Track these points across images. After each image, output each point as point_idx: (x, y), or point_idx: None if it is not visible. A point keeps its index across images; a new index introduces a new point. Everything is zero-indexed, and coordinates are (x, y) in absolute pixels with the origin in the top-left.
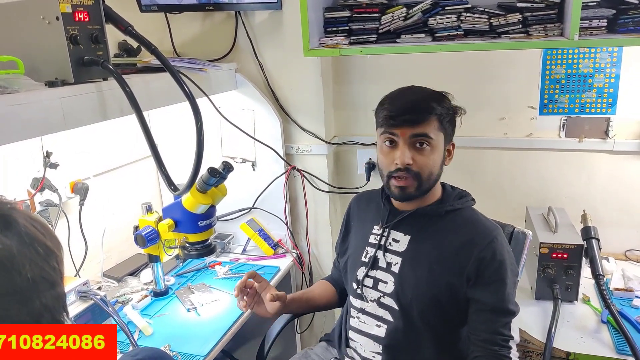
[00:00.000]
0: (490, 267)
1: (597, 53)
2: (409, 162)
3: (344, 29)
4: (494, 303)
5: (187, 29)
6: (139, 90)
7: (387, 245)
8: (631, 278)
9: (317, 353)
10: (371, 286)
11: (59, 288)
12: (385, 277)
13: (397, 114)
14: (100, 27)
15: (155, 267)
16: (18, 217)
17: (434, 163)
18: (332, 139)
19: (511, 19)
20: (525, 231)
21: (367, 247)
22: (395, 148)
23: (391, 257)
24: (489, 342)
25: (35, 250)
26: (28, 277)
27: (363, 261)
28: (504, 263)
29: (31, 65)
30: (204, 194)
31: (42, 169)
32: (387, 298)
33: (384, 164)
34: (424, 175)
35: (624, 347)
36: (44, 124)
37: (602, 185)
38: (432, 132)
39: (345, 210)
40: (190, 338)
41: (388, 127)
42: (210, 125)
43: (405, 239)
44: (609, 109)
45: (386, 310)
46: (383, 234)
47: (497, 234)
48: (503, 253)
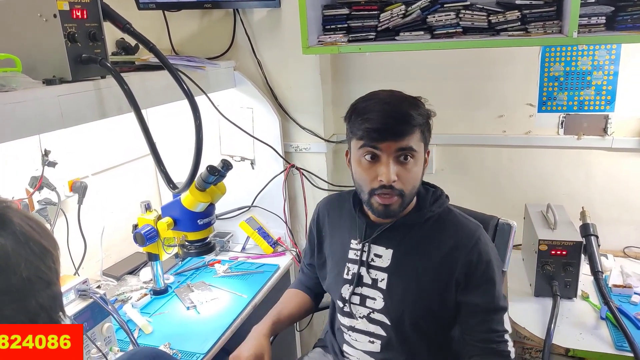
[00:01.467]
0: (479, 269)
1: (596, 50)
2: (395, 179)
3: (342, 26)
4: (487, 304)
5: (186, 27)
6: (138, 88)
7: (370, 262)
8: (630, 275)
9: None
10: (358, 303)
11: (55, 287)
12: (373, 293)
13: (381, 127)
14: (98, 25)
15: (155, 266)
16: (13, 216)
17: (417, 176)
18: (331, 137)
19: (510, 16)
20: (510, 222)
21: (348, 264)
22: (377, 162)
23: (376, 273)
24: (486, 341)
25: (31, 249)
26: (23, 276)
27: (346, 279)
28: (490, 263)
29: (29, 63)
30: (203, 192)
31: (40, 168)
32: (377, 314)
33: (364, 180)
34: (407, 190)
35: (622, 343)
36: (41, 122)
37: (601, 182)
38: (415, 145)
39: (312, 219)
40: (190, 336)
41: (370, 140)
42: (208, 124)
43: (388, 252)
44: (608, 106)
45: (377, 325)
46: (363, 249)
47: (480, 233)
48: (489, 252)
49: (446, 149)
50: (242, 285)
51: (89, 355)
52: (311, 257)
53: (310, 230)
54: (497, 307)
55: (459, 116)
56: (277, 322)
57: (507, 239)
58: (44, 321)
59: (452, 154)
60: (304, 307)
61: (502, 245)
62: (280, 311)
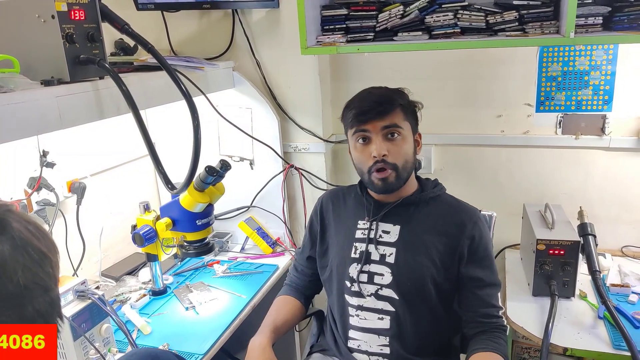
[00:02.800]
0: (481, 244)
1: (593, 50)
2: (385, 153)
3: (341, 27)
4: (488, 278)
5: (184, 28)
6: (136, 88)
7: (378, 238)
8: (627, 274)
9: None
10: (366, 281)
11: (53, 293)
12: (381, 269)
13: (366, 110)
14: (97, 26)
15: (154, 266)
16: (13, 220)
17: (407, 151)
18: (330, 137)
19: (507, 17)
20: (490, 213)
21: (356, 243)
22: (368, 143)
23: (384, 248)
24: (487, 315)
25: (29, 255)
26: (20, 283)
27: (354, 257)
28: (488, 240)
29: (27, 64)
30: (201, 192)
31: (38, 169)
32: (385, 289)
33: (361, 161)
34: (399, 164)
35: (620, 343)
36: (39, 123)
37: (599, 182)
38: (400, 122)
39: (315, 210)
40: (189, 337)
41: (359, 123)
42: (207, 124)
43: (396, 228)
44: (605, 106)
45: (386, 301)
46: (371, 227)
47: (479, 214)
48: (486, 230)
49: (445, 149)
50: (241, 286)
51: (88, 357)
52: (311, 249)
53: (311, 222)
54: (496, 282)
55: (458, 116)
56: (275, 330)
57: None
58: None
59: (451, 154)
60: (296, 314)
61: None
62: (275, 319)
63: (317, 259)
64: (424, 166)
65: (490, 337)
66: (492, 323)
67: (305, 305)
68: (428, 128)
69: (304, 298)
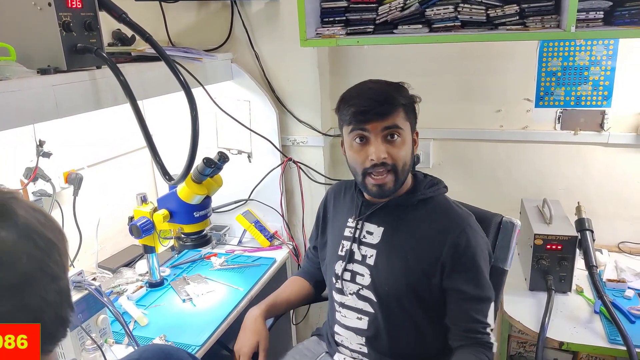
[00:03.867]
0: (465, 254)
1: (594, 45)
2: (385, 156)
3: (340, 19)
4: (472, 291)
5: (183, 18)
6: (134, 79)
7: (362, 238)
8: (624, 269)
9: (308, 347)
10: (349, 279)
11: (62, 282)
12: (362, 269)
13: (366, 109)
14: (94, 14)
15: (151, 258)
16: (18, 207)
17: (406, 153)
18: (329, 131)
19: (508, 11)
20: (513, 221)
21: (343, 241)
22: (366, 144)
23: (365, 249)
24: (470, 330)
25: (35, 242)
26: (23, 271)
27: (340, 255)
28: (477, 249)
29: (23, 53)
30: (199, 184)
31: (34, 159)
32: (365, 290)
33: (357, 162)
34: (399, 167)
35: (616, 337)
36: (36, 112)
37: (597, 177)
38: (400, 123)
39: (322, 202)
40: (185, 328)
41: (357, 123)
42: (205, 116)
43: (379, 230)
44: (605, 101)
45: (365, 302)
46: (357, 227)
47: (470, 221)
48: (477, 239)
49: (444, 144)
50: (238, 278)
51: (84, 347)
52: (316, 239)
53: (318, 213)
54: (483, 296)
55: (457, 111)
56: (273, 304)
57: (510, 237)
58: (50, 318)
59: (450, 149)
60: (302, 293)
61: (505, 243)
62: (277, 296)
63: (318, 249)
64: (422, 160)
65: (473, 352)
66: (475, 338)
67: (316, 288)
68: (427, 122)
69: (314, 282)
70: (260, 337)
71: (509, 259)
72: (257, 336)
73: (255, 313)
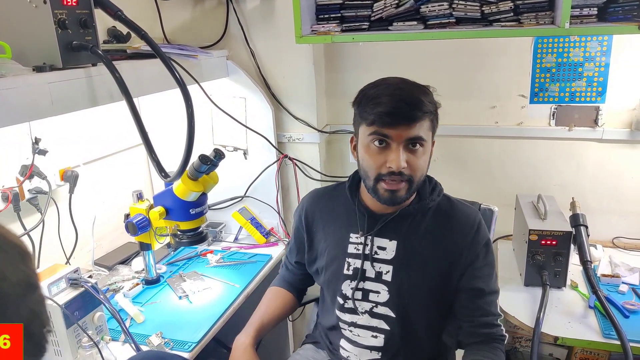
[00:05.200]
0: (481, 253)
1: (588, 42)
2: (405, 166)
3: (336, 16)
4: (487, 287)
5: (178, 16)
6: (129, 76)
7: (373, 255)
8: (618, 264)
9: (307, 357)
10: (361, 298)
11: (39, 290)
12: (376, 287)
13: (393, 111)
14: (89, 12)
15: (147, 255)
16: None
17: (425, 164)
18: (324, 128)
19: (503, 7)
20: (491, 207)
21: (349, 259)
22: (386, 149)
23: (380, 266)
24: (486, 325)
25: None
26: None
27: (347, 274)
28: (490, 246)
29: (18, 50)
30: (195, 181)
31: (30, 156)
32: (380, 307)
33: (371, 165)
34: (416, 178)
35: (610, 332)
36: (32, 109)
37: (591, 173)
38: (425, 134)
39: (298, 217)
40: (182, 325)
41: (382, 125)
42: (201, 113)
43: (392, 244)
44: (599, 97)
45: (380, 319)
46: (366, 243)
47: (479, 217)
48: (487, 235)
49: (439, 140)
50: (234, 275)
51: (80, 344)
52: (298, 255)
53: (296, 229)
54: (495, 290)
55: (452, 107)
56: (260, 327)
57: (489, 223)
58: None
59: (445, 145)
60: (287, 306)
61: None
62: (262, 315)
63: (306, 265)
64: None
65: (488, 348)
66: (491, 333)
67: (298, 298)
68: None
69: (296, 291)
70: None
71: None
72: None
73: (245, 342)
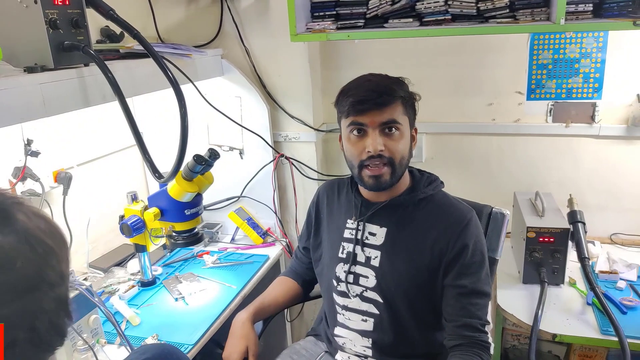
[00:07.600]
0: (468, 250)
1: (584, 38)
2: (382, 149)
3: (331, 13)
4: (471, 285)
5: (172, 14)
6: (122, 76)
7: (364, 240)
8: (616, 261)
9: (305, 347)
10: (352, 282)
11: (59, 290)
12: (366, 271)
13: (364, 99)
14: (81, 11)
15: (142, 257)
16: (19, 212)
17: (404, 147)
18: (321, 126)
19: (498, 4)
20: (503, 211)
21: (343, 243)
22: (364, 137)
23: (369, 251)
24: (468, 327)
25: (32, 248)
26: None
27: (340, 257)
28: (478, 245)
29: (9, 51)
30: (189, 181)
31: (23, 158)
32: (370, 292)
33: (353, 154)
34: (396, 160)
35: (608, 328)
36: (23, 111)
37: (588, 169)
38: (399, 117)
39: (312, 200)
40: (178, 327)
41: (355, 114)
42: (196, 113)
43: (382, 231)
44: (595, 94)
45: (370, 303)
46: (358, 228)
47: (471, 216)
48: (479, 235)
49: (436, 138)
50: (231, 276)
51: (76, 348)
52: (307, 240)
53: (309, 213)
54: (482, 291)
55: (449, 104)
56: (260, 307)
57: (500, 227)
58: (43, 324)
59: (442, 143)
60: (290, 293)
61: (495, 234)
62: (264, 297)
63: (310, 250)
64: (415, 155)
65: (468, 352)
66: (472, 337)
67: (304, 288)
68: (419, 116)
69: (302, 281)
70: (249, 342)
71: (500, 249)
72: (246, 341)
73: (243, 317)
